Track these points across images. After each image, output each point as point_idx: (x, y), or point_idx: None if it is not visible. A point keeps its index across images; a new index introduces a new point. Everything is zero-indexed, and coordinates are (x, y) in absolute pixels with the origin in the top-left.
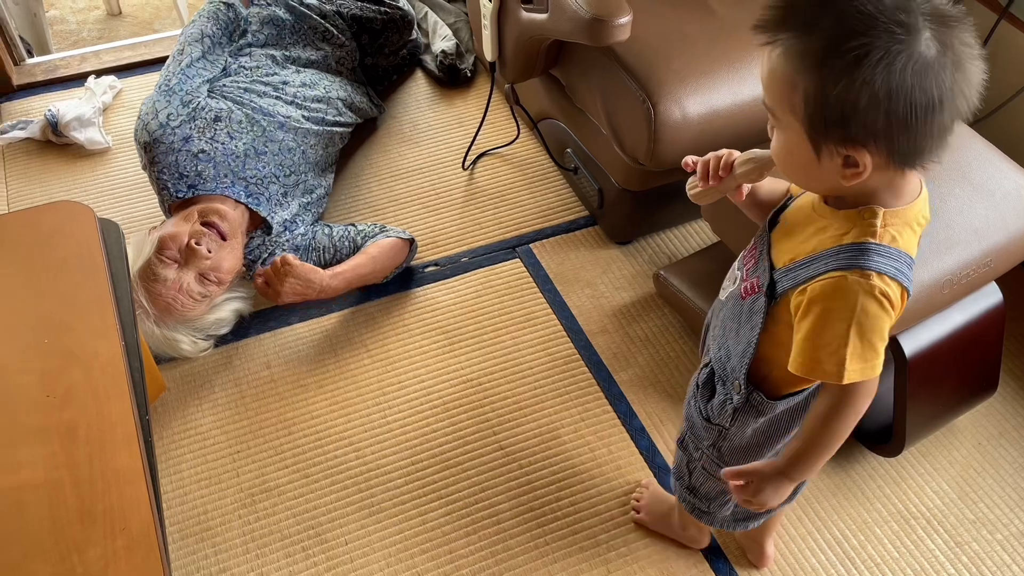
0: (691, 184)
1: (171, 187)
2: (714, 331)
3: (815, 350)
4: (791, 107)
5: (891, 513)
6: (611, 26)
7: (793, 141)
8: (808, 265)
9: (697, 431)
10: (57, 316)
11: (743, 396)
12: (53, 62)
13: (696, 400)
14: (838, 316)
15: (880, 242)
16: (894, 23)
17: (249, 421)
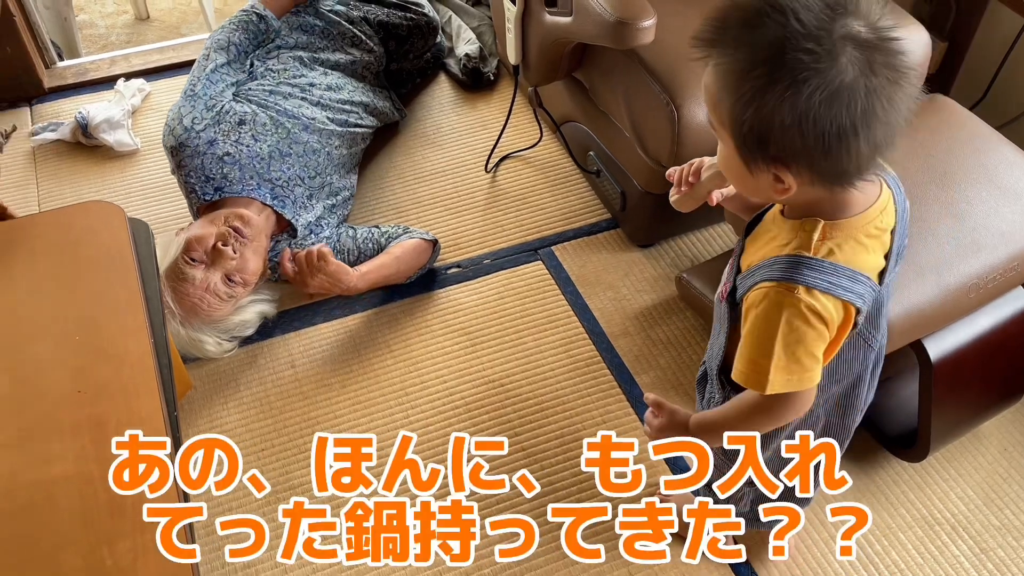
0: (672, 192)
1: (198, 190)
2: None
3: (745, 359)
4: (720, 122)
5: (915, 518)
6: (635, 29)
7: (728, 153)
8: (754, 273)
9: None
10: (88, 314)
11: (721, 395)
12: (83, 65)
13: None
14: (764, 327)
15: (814, 255)
16: (807, 49)
17: (273, 420)
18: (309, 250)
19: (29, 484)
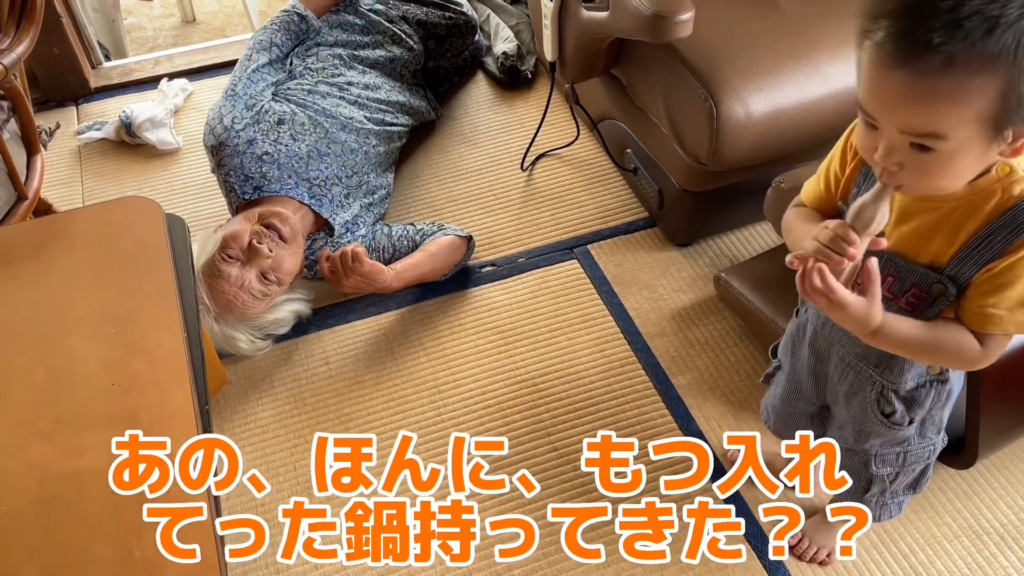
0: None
1: (238, 189)
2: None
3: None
4: (972, 115)
5: (962, 528)
6: (673, 22)
7: (958, 151)
8: (986, 244)
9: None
10: (123, 307)
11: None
12: (128, 66)
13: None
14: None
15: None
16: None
17: (307, 416)
18: (344, 250)
19: (61, 475)
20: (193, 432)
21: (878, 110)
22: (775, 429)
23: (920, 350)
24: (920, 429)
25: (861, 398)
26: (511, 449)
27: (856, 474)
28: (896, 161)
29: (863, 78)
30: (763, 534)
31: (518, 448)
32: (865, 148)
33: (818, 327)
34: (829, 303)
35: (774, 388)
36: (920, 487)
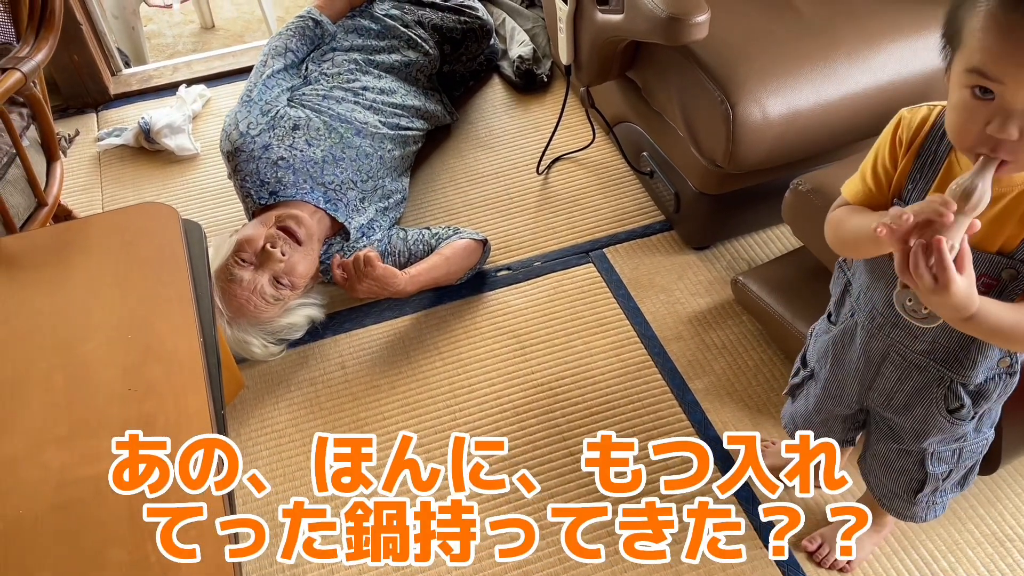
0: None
1: (254, 194)
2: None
3: None
4: None
5: (984, 535)
6: (688, 24)
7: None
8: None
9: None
10: (140, 313)
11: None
12: (147, 72)
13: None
14: None
15: None
16: None
17: (323, 420)
18: (356, 255)
19: (79, 480)
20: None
21: (1013, 70)
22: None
23: (1011, 334)
24: (978, 424)
25: (926, 396)
26: (527, 454)
27: (908, 474)
28: (1017, 128)
29: (985, 42)
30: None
31: (534, 453)
32: (968, 124)
33: (872, 331)
34: (934, 284)
35: (803, 400)
36: (967, 484)
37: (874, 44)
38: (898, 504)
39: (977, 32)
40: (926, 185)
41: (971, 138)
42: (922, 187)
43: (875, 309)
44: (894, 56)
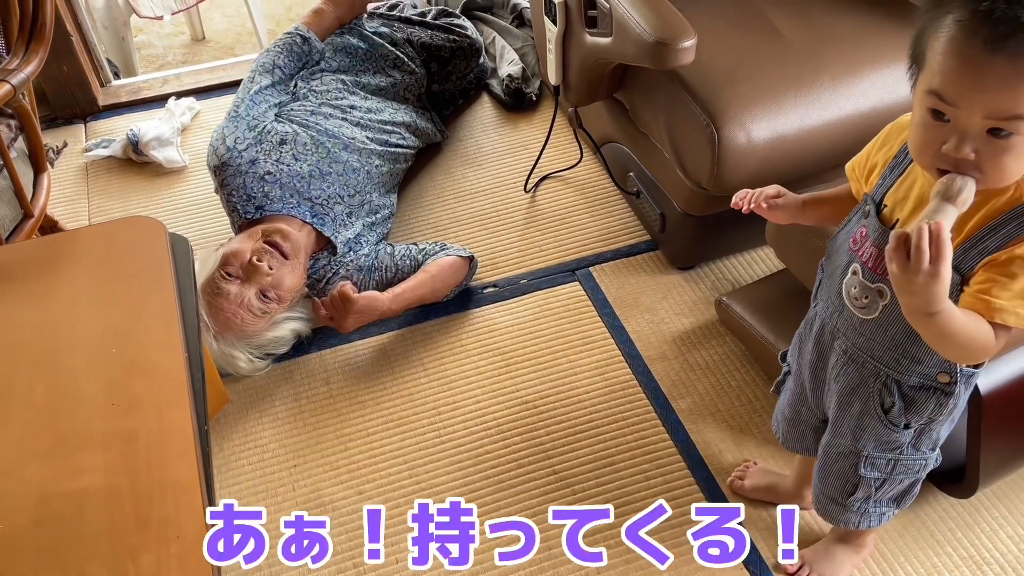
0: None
1: (240, 208)
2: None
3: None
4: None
5: (962, 558)
6: (675, 49)
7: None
8: (991, 235)
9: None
10: (125, 327)
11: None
12: (136, 84)
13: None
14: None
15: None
16: None
17: (307, 436)
18: (332, 295)
19: (59, 495)
20: (191, 452)
21: (967, 95)
22: (784, 440)
23: (960, 337)
24: (915, 440)
25: (863, 392)
26: (510, 472)
27: (844, 476)
28: (971, 150)
29: (944, 65)
30: (762, 561)
31: (518, 471)
32: (926, 143)
33: (826, 319)
34: (930, 265)
35: (783, 395)
36: (904, 503)
37: (858, 71)
38: (832, 508)
39: (938, 55)
40: (891, 183)
41: (929, 156)
42: (890, 182)
43: (829, 298)
44: (877, 83)
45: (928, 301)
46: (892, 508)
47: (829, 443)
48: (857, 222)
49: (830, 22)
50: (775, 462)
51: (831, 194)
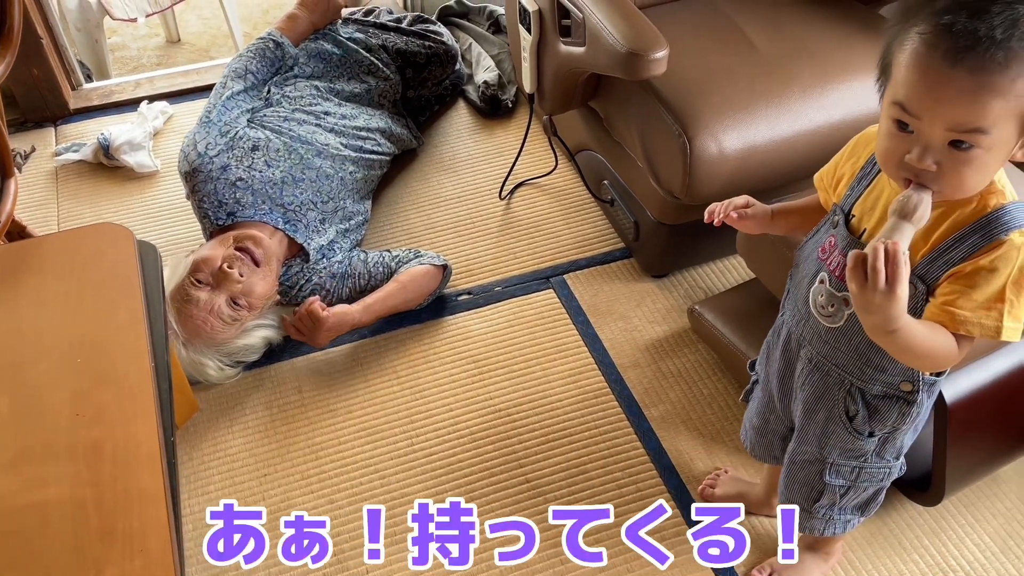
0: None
1: (211, 215)
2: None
3: (994, 309)
4: (1017, 111)
5: (929, 565)
6: (647, 60)
7: (994, 147)
8: (956, 246)
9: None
10: (91, 336)
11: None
12: (108, 87)
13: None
14: (1004, 275)
15: (1015, 199)
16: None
17: (278, 444)
18: (301, 313)
19: (22, 507)
20: (157, 464)
21: (929, 107)
22: (752, 449)
23: (921, 351)
24: (880, 448)
25: (828, 400)
26: (483, 480)
27: (809, 484)
28: (934, 162)
29: (908, 77)
30: (732, 570)
31: (490, 479)
32: (890, 153)
33: (792, 327)
34: (886, 284)
35: (751, 403)
36: (869, 511)
37: (828, 83)
38: (799, 515)
39: (902, 68)
40: (859, 193)
41: (894, 165)
42: (858, 193)
43: (796, 306)
44: (846, 95)
45: (887, 319)
46: (857, 516)
47: (795, 451)
48: (826, 232)
49: (801, 34)
50: (745, 470)
51: (800, 204)
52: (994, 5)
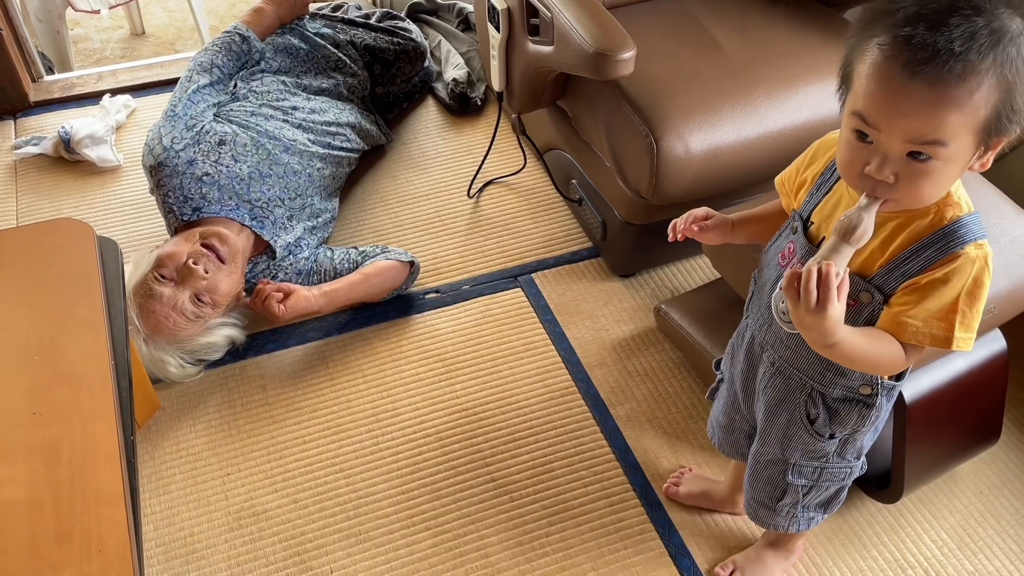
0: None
1: (176, 210)
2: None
3: (946, 320)
4: (974, 123)
5: (888, 561)
6: (615, 60)
7: (951, 159)
8: (913, 258)
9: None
10: (49, 334)
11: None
12: (70, 80)
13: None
14: (957, 287)
15: (971, 211)
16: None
17: (241, 443)
18: (257, 289)
19: None
20: (116, 464)
21: (887, 119)
22: (720, 446)
23: (864, 360)
24: (840, 449)
25: (789, 403)
26: (448, 479)
27: (773, 483)
28: (892, 172)
29: (867, 88)
30: (695, 566)
31: (456, 478)
32: (851, 162)
33: (756, 331)
34: (816, 303)
35: (717, 402)
36: (832, 508)
37: (792, 86)
38: (763, 513)
39: (862, 78)
40: (818, 200)
41: (854, 175)
42: (816, 200)
43: (759, 310)
44: (811, 98)
45: (821, 335)
46: (820, 513)
47: (758, 451)
48: (786, 237)
49: (767, 37)
50: (710, 468)
51: (759, 212)
52: (953, 18)
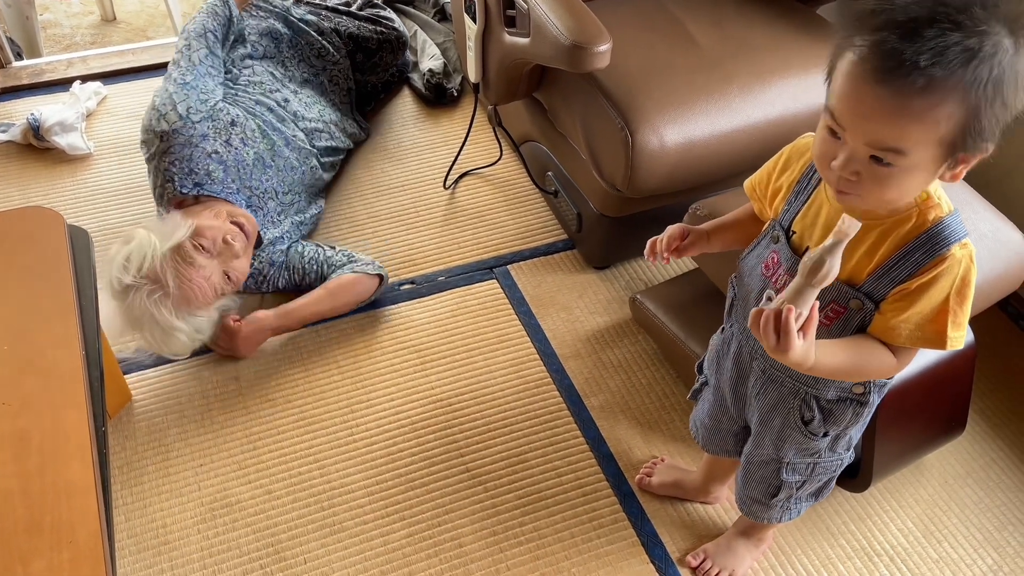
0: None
1: (177, 181)
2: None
3: (926, 321)
4: (936, 137)
5: (855, 550)
6: (591, 53)
7: (913, 168)
8: (901, 264)
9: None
10: (19, 323)
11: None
12: (39, 66)
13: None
14: (947, 288)
15: (951, 211)
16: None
17: (215, 434)
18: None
19: None
20: (87, 454)
21: (850, 120)
22: (705, 446)
23: (848, 373)
24: (832, 444)
25: (783, 408)
26: (423, 470)
27: (767, 481)
28: (853, 171)
29: (840, 88)
30: (667, 555)
31: (430, 469)
32: (823, 155)
33: (742, 341)
34: (776, 345)
35: (701, 404)
36: (822, 496)
37: (766, 80)
38: (756, 508)
39: (839, 76)
40: (797, 209)
41: (824, 167)
42: (796, 209)
43: (744, 320)
44: (785, 92)
45: (794, 364)
46: (811, 501)
47: (752, 452)
48: (767, 247)
49: (743, 32)
50: (682, 458)
51: (732, 219)
52: (929, 30)
